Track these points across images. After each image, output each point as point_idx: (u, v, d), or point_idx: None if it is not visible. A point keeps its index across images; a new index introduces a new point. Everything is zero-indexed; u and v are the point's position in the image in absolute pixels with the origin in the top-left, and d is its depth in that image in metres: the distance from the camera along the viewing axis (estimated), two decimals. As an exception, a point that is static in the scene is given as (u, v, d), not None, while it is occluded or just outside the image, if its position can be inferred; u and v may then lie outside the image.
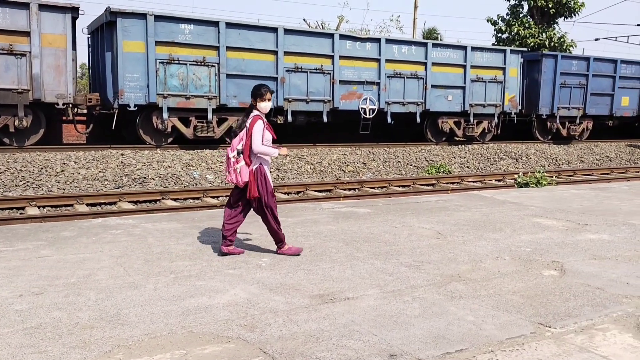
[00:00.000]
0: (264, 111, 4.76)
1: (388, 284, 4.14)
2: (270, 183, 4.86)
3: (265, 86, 4.80)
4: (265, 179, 4.73)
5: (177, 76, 13.15)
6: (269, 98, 4.77)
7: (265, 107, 4.75)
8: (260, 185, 4.70)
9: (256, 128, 4.62)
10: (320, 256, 4.90)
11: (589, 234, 6.07)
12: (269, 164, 4.90)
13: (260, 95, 4.73)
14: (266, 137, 4.70)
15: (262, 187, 4.71)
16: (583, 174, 14.78)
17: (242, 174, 4.69)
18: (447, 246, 5.38)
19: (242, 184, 4.70)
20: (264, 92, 4.73)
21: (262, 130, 4.64)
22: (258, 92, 4.74)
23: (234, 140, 4.77)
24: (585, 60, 20.45)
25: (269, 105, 4.78)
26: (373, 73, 15.88)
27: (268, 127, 4.73)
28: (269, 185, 4.80)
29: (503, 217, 6.94)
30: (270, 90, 4.79)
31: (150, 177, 11.45)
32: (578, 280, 4.35)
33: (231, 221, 4.83)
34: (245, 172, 4.68)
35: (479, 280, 4.30)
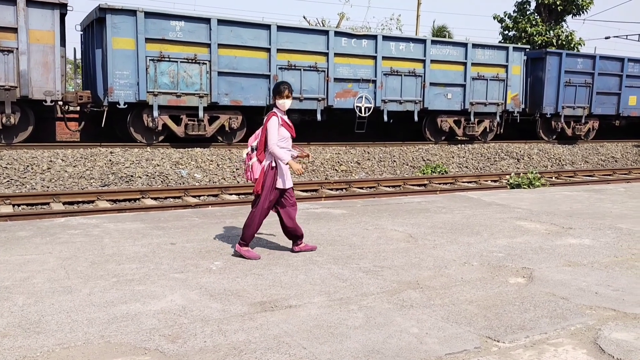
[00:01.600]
0: (283, 108, 4.71)
1: (338, 291, 3.91)
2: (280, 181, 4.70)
3: (285, 83, 4.74)
4: (274, 176, 4.65)
5: (167, 74, 12.99)
6: (288, 95, 4.70)
7: (283, 104, 4.70)
8: (266, 182, 4.63)
9: (271, 124, 4.59)
10: (276, 260, 4.68)
11: (571, 238, 5.78)
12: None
13: (279, 92, 4.69)
14: (282, 134, 4.65)
15: (267, 182, 4.64)
16: (584, 175, 14.39)
17: (254, 170, 4.67)
18: (415, 250, 5.13)
19: (254, 180, 4.67)
20: (282, 90, 4.68)
21: (278, 127, 4.60)
22: (277, 89, 4.72)
23: (251, 137, 4.79)
24: (591, 59, 19.98)
25: (288, 103, 4.72)
26: (369, 71, 15.59)
27: (285, 124, 4.68)
28: (275, 183, 4.69)
29: (484, 219, 6.67)
30: (290, 87, 4.73)
31: (137, 176, 11.32)
32: (544, 288, 4.08)
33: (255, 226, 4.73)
34: (257, 168, 4.66)
35: (437, 288, 4.05)
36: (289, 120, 4.82)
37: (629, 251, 5.31)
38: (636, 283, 4.27)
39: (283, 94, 4.68)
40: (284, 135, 4.68)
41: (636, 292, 4.05)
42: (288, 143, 4.77)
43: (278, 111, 4.70)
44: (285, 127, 4.69)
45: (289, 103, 4.74)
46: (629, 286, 4.19)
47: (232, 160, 13.21)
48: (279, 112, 4.70)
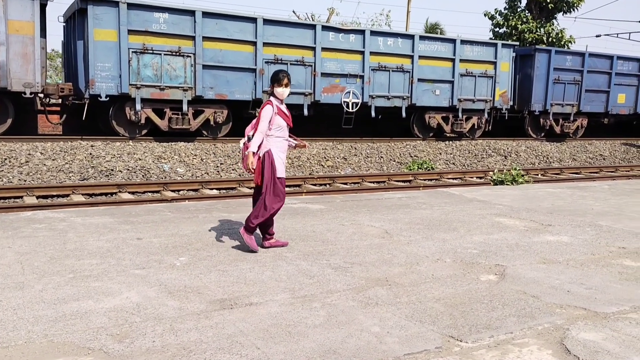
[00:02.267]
0: (281, 97, 4.63)
1: (303, 288, 3.79)
2: (278, 169, 4.62)
3: (283, 71, 4.66)
4: (272, 164, 4.56)
5: (151, 66, 12.79)
6: (287, 84, 4.62)
7: (282, 92, 4.62)
8: (265, 171, 4.55)
9: (264, 112, 4.52)
10: (244, 256, 4.55)
11: (549, 235, 5.69)
12: (283, 149, 4.69)
13: (278, 80, 4.60)
14: (277, 122, 4.57)
15: (267, 172, 4.56)
16: (570, 172, 14.35)
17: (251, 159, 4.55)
18: (388, 246, 5.02)
19: (253, 171, 4.59)
20: (281, 77, 4.59)
21: (271, 116, 4.52)
22: (276, 77, 4.62)
23: (247, 127, 4.69)
24: (580, 56, 19.96)
25: (286, 91, 4.64)
26: (357, 66, 15.46)
27: (281, 112, 4.60)
28: (275, 171, 4.60)
29: (464, 216, 6.57)
30: (288, 76, 4.66)
31: (118, 170, 11.12)
32: (515, 286, 3.98)
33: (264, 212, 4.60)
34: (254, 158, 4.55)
35: (406, 285, 3.94)
36: (286, 110, 4.76)
37: (606, 249, 5.22)
38: (610, 281, 4.18)
39: (282, 82, 4.60)
40: (280, 124, 4.61)
41: (609, 290, 3.96)
42: (284, 132, 4.68)
43: (275, 100, 4.62)
44: (282, 116, 4.62)
45: (288, 92, 4.67)
46: (602, 285, 4.09)
47: (217, 155, 13.04)
48: (275, 101, 4.62)
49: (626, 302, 3.71)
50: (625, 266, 4.64)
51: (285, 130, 4.67)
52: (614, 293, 3.90)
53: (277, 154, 4.62)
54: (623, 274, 4.41)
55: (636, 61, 21.26)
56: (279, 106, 4.63)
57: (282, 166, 4.68)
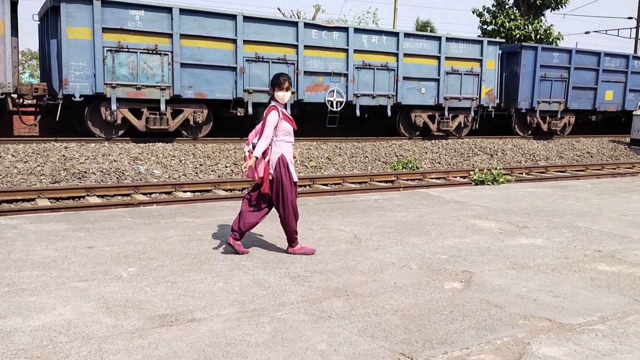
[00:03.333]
0: (282, 101, 4.53)
1: (254, 301, 3.56)
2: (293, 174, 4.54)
3: (284, 75, 4.57)
4: (288, 170, 4.47)
5: (126, 65, 12.49)
6: (288, 87, 4.51)
7: (283, 96, 4.51)
8: (283, 177, 4.45)
9: (270, 118, 4.40)
10: (199, 265, 4.31)
11: (523, 238, 5.49)
12: (290, 152, 4.56)
13: (279, 84, 4.48)
14: (283, 127, 4.47)
15: (285, 178, 4.45)
16: (555, 171, 14.21)
17: (258, 168, 4.43)
18: (355, 252, 4.80)
19: (259, 180, 4.46)
20: (282, 81, 4.48)
21: (277, 121, 4.41)
22: (277, 81, 4.50)
23: (250, 134, 4.55)
24: (567, 53, 19.84)
25: (287, 95, 4.54)
26: (341, 64, 15.24)
27: (286, 117, 4.50)
28: (291, 176, 4.52)
29: (438, 218, 6.36)
30: (289, 79, 4.57)
31: (92, 172, 10.84)
32: (479, 295, 3.77)
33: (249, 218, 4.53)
34: (260, 166, 4.42)
35: (365, 296, 3.72)
36: (289, 113, 4.66)
37: (581, 252, 5.03)
38: (580, 288, 3.98)
39: (283, 86, 4.47)
40: (287, 129, 4.50)
41: (578, 299, 3.76)
42: (291, 137, 4.59)
43: (277, 104, 4.50)
44: (287, 121, 4.51)
45: (289, 96, 4.56)
46: (572, 292, 3.90)
47: (196, 155, 12.78)
48: (279, 106, 4.50)
49: (594, 312, 3.51)
50: (598, 271, 4.45)
51: (292, 135, 4.59)
52: (583, 302, 3.70)
53: (290, 159, 4.54)
54: (595, 280, 4.22)
55: (623, 57, 21.19)
56: (283, 111, 4.52)
57: (294, 169, 4.61)
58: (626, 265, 4.67)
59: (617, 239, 5.59)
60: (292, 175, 4.51)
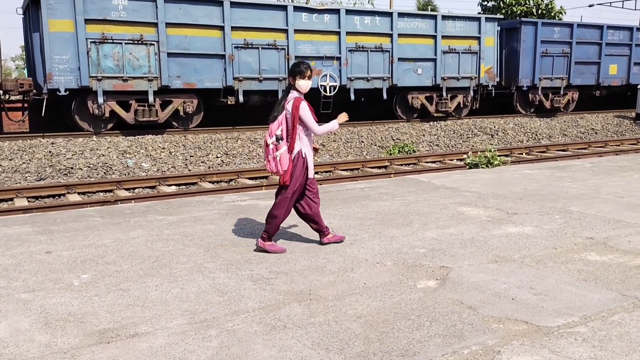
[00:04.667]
0: (304, 90, 4.39)
1: (207, 310, 3.30)
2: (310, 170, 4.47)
3: (305, 63, 4.43)
4: (304, 165, 4.40)
5: (111, 56, 12.20)
6: (309, 76, 4.37)
7: (305, 85, 4.37)
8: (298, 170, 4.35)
9: (304, 111, 4.30)
10: (159, 269, 4.05)
11: (511, 226, 5.19)
12: (310, 148, 4.49)
13: (300, 72, 4.33)
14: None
15: (299, 171, 4.36)
16: (557, 150, 13.80)
17: (283, 161, 4.32)
18: (327, 249, 4.52)
19: (283, 173, 4.34)
20: (304, 69, 4.33)
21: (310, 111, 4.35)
22: (297, 69, 4.34)
23: (272, 125, 4.36)
24: (569, 27, 19.25)
25: (309, 84, 4.39)
26: (333, 47, 14.84)
27: (311, 108, 4.41)
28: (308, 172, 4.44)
29: (424, 206, 6.06)
30: (310, 67, 4.41)
31: (78, 167, 10.63)
32: (453, 295, 3.49)
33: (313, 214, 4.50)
34: (285, 159, 4.32)
35: (329, 299, 3.45)
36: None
37: (571, 240, 4.72)
38: (565, 283, 3.69)
39: (305, 74, 4.33)
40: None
41: (560, 296, 3.46)
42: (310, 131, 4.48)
43: (299, 95, 4.36)
44: (311, 111, 4.42)
45: (310, 84, 4.40)
46: (555, 288, 3.60)
47: (187, 147, 12.52)
48: (300, 95, 4.36)
49: (577, 311, 3.22)
50: (587, 262, 4.15)
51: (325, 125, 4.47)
52: (566, 299, 3.41)
53: (309, 153, 4.46)
54: (582, 272, 3.92)
55: (627, 30, 20.54)
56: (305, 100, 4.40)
57: (312, 164, 4.51)
58: (618, 253, 4.36)
59: (611, 223, 5.27)
60: (308, 171, 4.42)
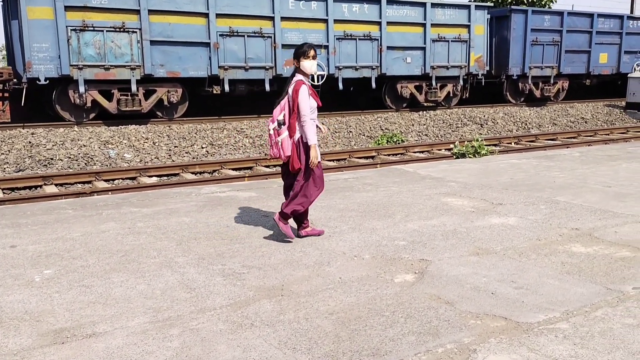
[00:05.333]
0: (308, 71, 4.27)
1: (172, 307, 3.14)
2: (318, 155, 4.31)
3: (308, 43, 4.32)
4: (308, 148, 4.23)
5: (92, 44, 11.89)
6: (313, 55, 4.24)
7: (309, 65, 4.23)
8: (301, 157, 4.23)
9: (302, 94, 4.14)
10: (127, 264, 3.88)
11: (495, 217, 5.06)
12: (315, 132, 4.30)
13: (303, 53, 4.22)
14: (310, 104, 4.21)
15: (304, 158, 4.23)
16: (546, 139, 13.71)
17: (285, 146, 4.21)
18: (305, 241, 4.37)
19: (285, 158, 4.26)
20: (307, 49, 4.23)
21: (309, 97, 4.17)
22: (300, 50, 4.24)
23: (275, 110, 4.29)
24: (559, 15, 19.09)
25: (314, 64, 4.27)
26: (320, 35, 14.58)
27: (312, 93, 4.26)
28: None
29: (408, 197, 5.92)
30: (314, 47, 4.31)
31: (59, 158, 10.38)
32: (431, 289, 3.35)
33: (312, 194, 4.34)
34: (287, 144, 4.21)
35: (302, 295, 3.30)
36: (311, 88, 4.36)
37: (556, 231, 4.60)
38: (547, 276, 3.56)
39: (309, 54, 4.20)
40: (313, 105, 4.26)
41: (542, 289, 3.34)
42: (315, 114, 4.33)
43: (304, 78, 4.24)
44: (314, 97, 4.27)
45: (315, 65, 4.28)
46: (537, 281, 3.47)
47: (171, 137, 12.28)
48: (305, 79, 4.24)
49: (558, 306, 3.09)
50: (571, 254, 4.02)
51: (316, 112, 4.33)
52: (548, 293, 3.28)
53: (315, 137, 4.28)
54: (566, 265, 3.79)
55: (618, 18, 20.41)
56: (309, 85, 4.26)
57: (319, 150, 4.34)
58: (604, 245, 4.24)
59: (598, 214, 5.16)
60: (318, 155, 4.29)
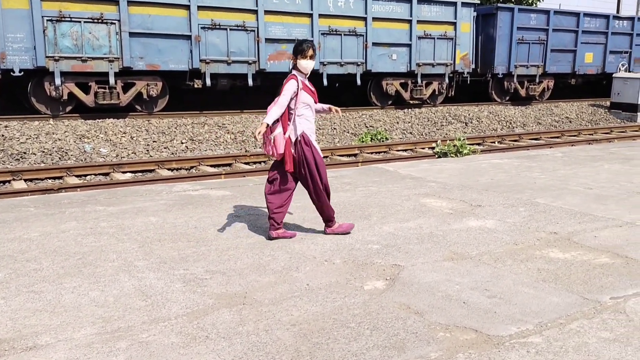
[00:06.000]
0: (305, 70, 4.17)
1: (125, 316, 2.94)
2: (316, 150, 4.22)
3: (308, 41, 4.21)
4: (310, 146, 4.16)
5: (69, 35, 11.55)
6: (312, 55, 4.14)
7: (306, 65, 4.14)
8: (307, 154, 4.13)
9: (287, 87, 4.05)
10: (83, 267, 3.67)
11: (473, 219, 4.92)
12: (313, 129, 4.26)
13: (301, 51, 4.12)
14: (303, 99, 4.13)
15: (310, 158, 4.15)
16: (530, 139, 13.66)
17: (278, 144, 4.08)
18: (275, 245, 4.19)
19: (278, 157, 4.14)
20: (305, 48, 4.12)
21: (295, 91, 4.06)
22: (299, 48, 4.14)
23: (269, 106, 4.14)
24: (545, 14, 19.06)
25: (310, 64, 4.16)
26: (305, 30, 14.35)
27: (306, 88, 4.17)
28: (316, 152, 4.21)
29: (385, 198, 5.76)
30: (313, 46, 4.19)
31: (32, 152, 10.06)
32: (401, 297, 3.19)
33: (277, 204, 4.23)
34: (280, 141, 4.08)
35: (265, 304, 3.12)
36: (310, 85, 4.28)
37: (535, 235, 4.47)
38: (522, 284, 3.42)
39: (306, 54, 4.11)
40: (306, 101, 4.16)
41: (516, 298, 3.19)
42: (310, 110, 4.25)
43: (299, 74, 4.15)
44: (307, 92, 4.18)
45: (312, 64, 4.17)
46: (511, 289, 3.33)
47: (150, 132, 12.00)
48: (299, 75, 4.15)
49: (532, 317, 2.95)
50: (549, 260, 3.89)
51: (311, 109, 4.25)
52: (522, 303, 3.14)
53: (312, 136, 4.23)
54: (542, 271, 3.66)
55: (604, 18, 20.46)
56: (304, 81, 4.19)
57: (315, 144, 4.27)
58: (582, 250, 4.12)
59: (578, 217, 5.05)
60: (316, 151, 4.21)
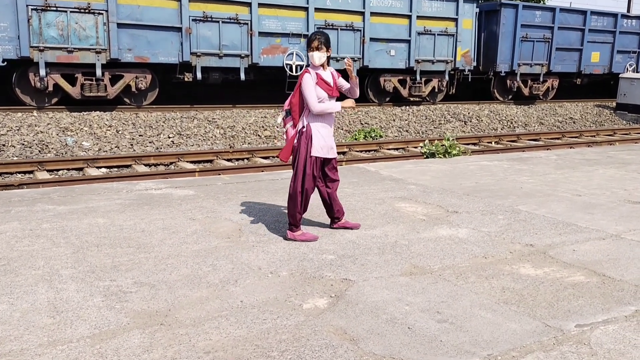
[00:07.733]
0: (315, 63, 4.05)
1: (22, 337, 2.62)
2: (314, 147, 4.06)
3: (318, 32, 4.07)
4: (308, 141, 4.05)
5: (55, 25, 11.27)
6: (317, 46, 4.01)
7: (315, 57, 4.02)
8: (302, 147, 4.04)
9: (305, 84, 4.01)
10: (3, 275, 3.36)
11: (445, 227, 4.56)
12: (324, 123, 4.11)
13: (308, 43, 4.08)
14: (318, 94, 4.02)
15: (302, 150, 4.05)
16: (528, 139, 13.22)
17: (288, 136, 4.16)
18: (221, 252, 3.86)
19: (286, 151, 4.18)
20: (312, 39, 4.05)
21: (313, 85, 3.99)
22: (309, 39, 4.09)
23: (287, 100, 4.20)
24: (551, 11, 18.54)
25: (316, 55, 4.01)
26: (300, 24, 13.99)
27: (321, 82, 4.04)
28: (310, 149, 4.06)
29: (359, 202, 5.41)
30: (321, 38, 4.03)
31: (11, 145, 9.81)
32: (340, 320, 2.85)
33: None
34: (290, 134, 4.15)
35: (185, 325, 2.79)
36: (330, 77, 4.11)
37: (508, 247, 4.11)
38: (480, 306, 3.06)
39: (312, 45, 4.02)
40: (320, 95, 4.03)
41: (469, 324, 2.84)
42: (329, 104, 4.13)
43: (313, 68, 4.07)
44: (322, 86, 4.04)
45: (320, 56, 4.02)
46: (467, 312, 2.98)
47: (137, 125, 11.71)
48: (313, 69, 4.06)
49: (481, 348, 2.59)
50: (517, 277, 3.53)
51: (328, 102, 4.09)
52: (474, 329, 2.78)
53: (317, 129, 4.07)
54: (507, 291, 3.30)
55: (611, 16, 19.89)
56: (320, 73, 4.05)
57: (322, 142, 4.08)
58: (557, 266, 3.75)
59: (559, 227, 4.67)
60: (311, 148, 4.04)
